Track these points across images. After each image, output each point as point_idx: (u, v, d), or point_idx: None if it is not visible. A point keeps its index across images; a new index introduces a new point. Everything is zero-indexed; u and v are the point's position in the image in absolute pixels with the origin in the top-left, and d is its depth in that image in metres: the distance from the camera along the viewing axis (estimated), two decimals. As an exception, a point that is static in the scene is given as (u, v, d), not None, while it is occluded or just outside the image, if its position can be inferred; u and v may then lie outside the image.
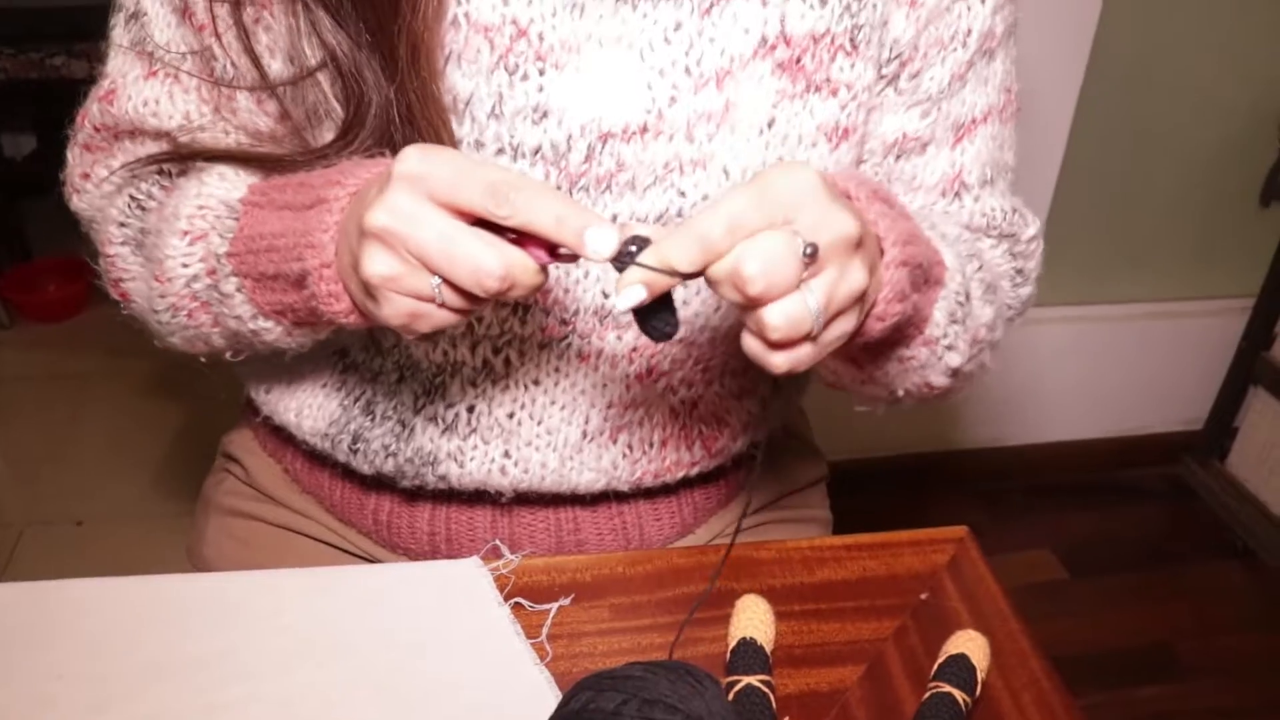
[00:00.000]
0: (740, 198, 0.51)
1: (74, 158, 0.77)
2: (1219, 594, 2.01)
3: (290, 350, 0.71)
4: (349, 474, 0.84)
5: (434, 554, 0.83)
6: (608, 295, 0.70)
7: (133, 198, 0.72)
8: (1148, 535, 2.15)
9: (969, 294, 0.69)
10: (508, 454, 0.76)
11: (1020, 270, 0.80)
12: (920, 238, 0.63)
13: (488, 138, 0.65)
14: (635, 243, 0.52)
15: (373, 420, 0.78)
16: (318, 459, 0.85)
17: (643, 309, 0.54)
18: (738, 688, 0.63)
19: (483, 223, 0.53)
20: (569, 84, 0.65)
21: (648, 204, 0.67)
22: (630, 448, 0.77)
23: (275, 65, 0.66)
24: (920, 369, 0.70)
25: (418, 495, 0.82)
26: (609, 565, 0.75)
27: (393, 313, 0.56)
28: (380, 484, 0.83)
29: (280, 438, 0.87)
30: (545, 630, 0.69)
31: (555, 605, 0.71)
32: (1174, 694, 1.80)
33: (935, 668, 0.66)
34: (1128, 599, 1.99)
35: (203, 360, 0.76)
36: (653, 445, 0.78)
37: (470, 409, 0.74)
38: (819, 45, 0.67)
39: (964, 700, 0.63)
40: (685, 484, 0.84)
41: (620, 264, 0.52)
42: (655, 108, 0.65)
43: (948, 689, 0.63)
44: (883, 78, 0.71)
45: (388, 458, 0.78)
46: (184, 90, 0.71)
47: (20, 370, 2.46)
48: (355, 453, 0.79)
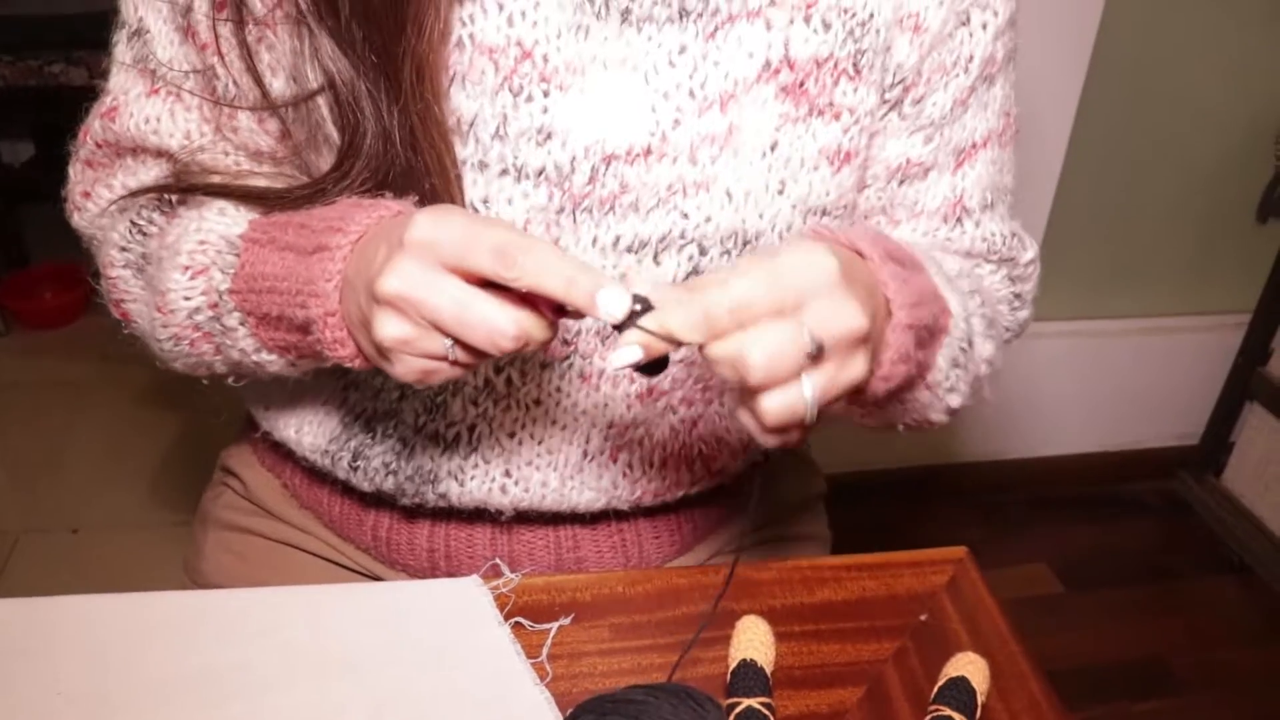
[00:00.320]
0: (753, 278, 0.51)
1: (76, 174, 0.77)
2: (1214, 609, 2.02)
3: (293, 377, 0.72)
4: (348, 490, 0.84)
5: (433, 571, 0.83)
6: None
7: (134, 223, 0.72)
8: (1144, 550, 2.15)
9: (972, 339, 0.69)
10: (508, 473, 0.76)
11: (1018, 295, 0.80)
12: (928, 295, 0.63)
13: (491, 158, 0.65)
14: (637, 302, 0.52)
15: (373, 438, 0.78)
16: (317, 475, 0.85)
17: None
18: (738, 710, 0.63)
19: (491, 281, 0.54)
20: (573, 106, 0.65)
21: (650, 226, 0.67)
22: (630, 467, 0.77)
23: (277, 84, 0.66)
24: (921, 408, 0.70)
25: (417, 512, 0.82)
26: (609, 585, 0.75)
27: (405, 371, 0.57)
28: (380, 501, 0.83)
29: (280, 453, 0.87)
30: (545, 650, 0.69)
31: (555, 625, 0.71)
32: (1169, 709, 1.80)
33: (935, 690, 0.66)
34: (1123, 613, 1.99)
35: (204, 382, 0.76)
36: (653, 464, 0.78)
37: (471, 428, 0.75)
38: (822, 70, 0.67)
39: (964, 724, 0.63)
40: (685, 502, 0.84)
41: (621, 325, 0.52)
42: (659, 130, 0.66)
43: (948, 712, 0.64)
44: (886, 103, 0.71)
45: (388, 475, 0.78)
46: (185, 109, 0.71)
47: (17, 377, 2.45)
48: (355, 470, 0.79)
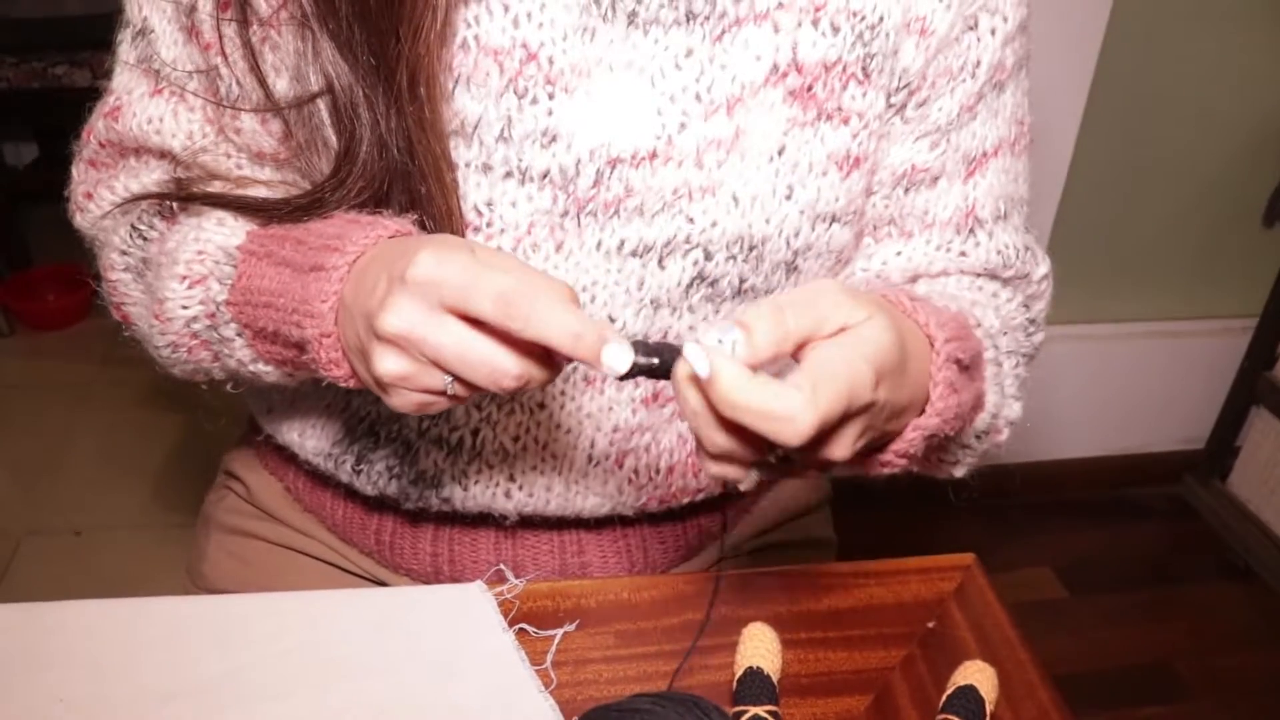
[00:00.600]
0: (810, 409, 0.48)
1: (79, 173, 0.76)
2: (1220, 614, 2.01)
3: (291, 386, 0.71)
4: (351, 494, 0.83)
5: (436, 575, 0.83)
6: (614, 319, 0.70)
7: (135, 227, 0.71)
8: (1148, 554, 2.14)
9: (994, 426, 0.69)
10: (512, 478, 0.75)
11: (1033, 320, 0.79)
12: (969, 408, 0.63)
13: (495, 161, 0.65)
14: (640, 353, 0.51)
15: (376, 442, 0.77)
16: (320, 478, 0.84)
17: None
18: (744, 718, 0.63)
19: None
20: (578, 108, 0.64)
21: (655, 230, 0.67)
22: (636, 473, 0.77)
23: (280, 85, 0.66)
24: (927, 472, 0.70)
25: (421, 517, 0.82)
26: (614, 591, 0.74)
27: (402, 403, 0.57)
28: (383, 504, 0.82)
29: (282, 456, 0.87)
30: (550, 657, 0.69)
31: (560, 631, 0.70)
32: (1174, 714, 1.80)
33: (944, 699, 0.65)
34: (1127, 618, 1.99)
35: (204, 387, 0.75)
36: (659, 471, 0.77)
37: (475, 432, 0.74)
38: (830, 73, 0.66)
39: (972, 733, 0.63)
40: (691, 508, 0.83)
41: (629, 376, 0.51)
42: (665, 134, 0.65)
43: (956, 721, 0.63)
44: (891, 106, 0.70)
45: (391, 480, 0.77)
46: (189, 109, 0.70)
47: (20, 378, 2.45)
48: (358, 474, 0.78)
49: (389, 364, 0.54)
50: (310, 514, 0.88)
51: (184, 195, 0.69)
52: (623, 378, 0.51)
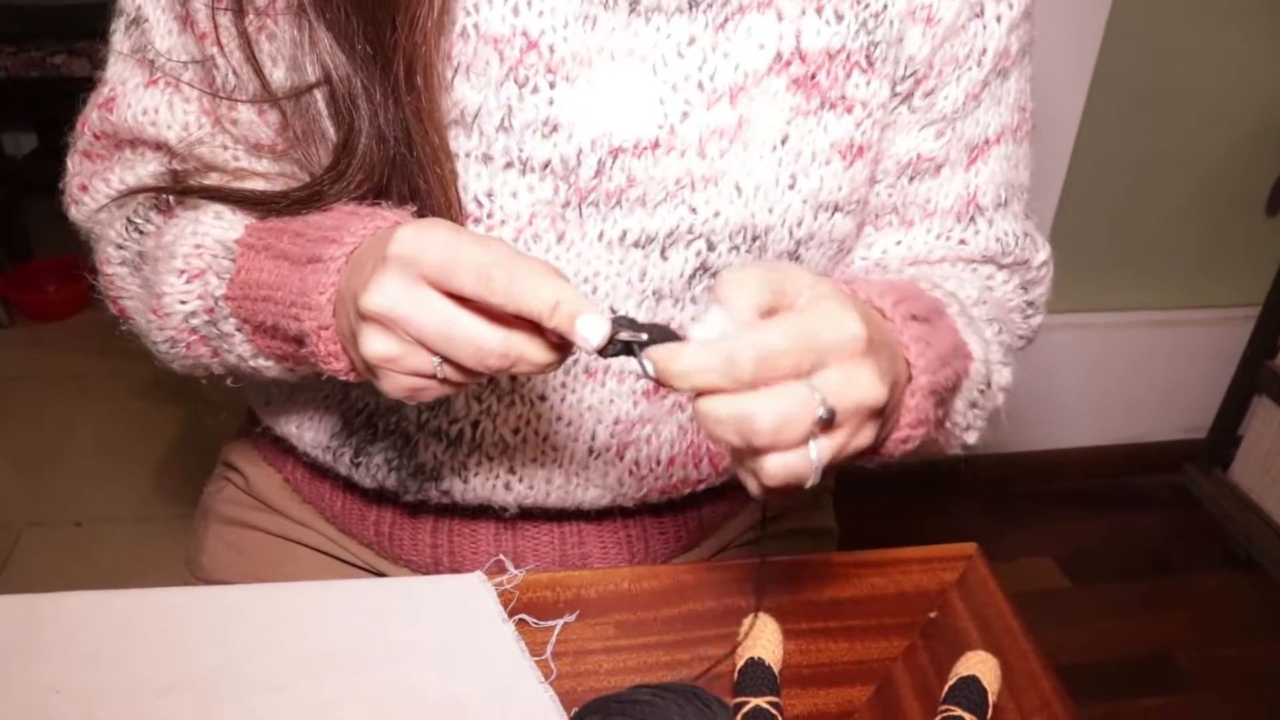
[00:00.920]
0: (781, 334, 0.48)
1: (74, 165, 0.76)
2: (1221, 604, 2.01)
3: (292, 381, 0.71)
4: (350, 486, 0.83)
5: (436, 567, 0.82)
6: (615, 310, 0.69)
7: (130, 220, 0.71)
8: (1150, 544, 2.14)
9: (990, 378, 0.67)
10: (512, 470, 0.75)
11: (1031, 302, 0.79)
12: (950, 352, 0.61)
13: (496, 151, 0.64)
14: (619, 327, 0.50)
15: (375, 434, 0.77)
16: (319, 470, 0.84)
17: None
18: (746, 709, 0.63)
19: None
20: (580, 97, 0.64)
21: (658, 220, 0.66)
22: (637, 465, 0.76)
23: (278, 74, 0.65)
24: (937, 448, 0.69)
25: (420, 508, 0.81)
26: (614, 581, 0.74)
27: (393, 388, 0.56)
28: (382, 497, 0.82)
29: (281, 448, 0.87)
30: (550, 648, 0.68)
31: (560, 622, 0.70)
32: (1175, 704, 1.80)
33: (946, 690, 0.65)
34: (1129, 608, 1.99)
35: (204, 382, 0.75)
36: (660, 463, 0.77)
37: (474, 424, 0.74)
38: (834, 62, 0.66)
39: (975, 724, 0.62)
40: (692, 498, 0.83)
41: (608, 352, 0.51)
42: (667, 123, 0.65)
43: (959, 712, 0.63)
44: (896, 95, 0.70)
45: (390, 472, 0.77)
46: (184, 100, 0.70)
47: (20, 370, 2.45)
48: (357, 466, 0.78)
49: (375, 344, 0.54)
50: (309, 505, 0.87)
51: (180, 189, 0.68)
52: (603, 354, 0.51)
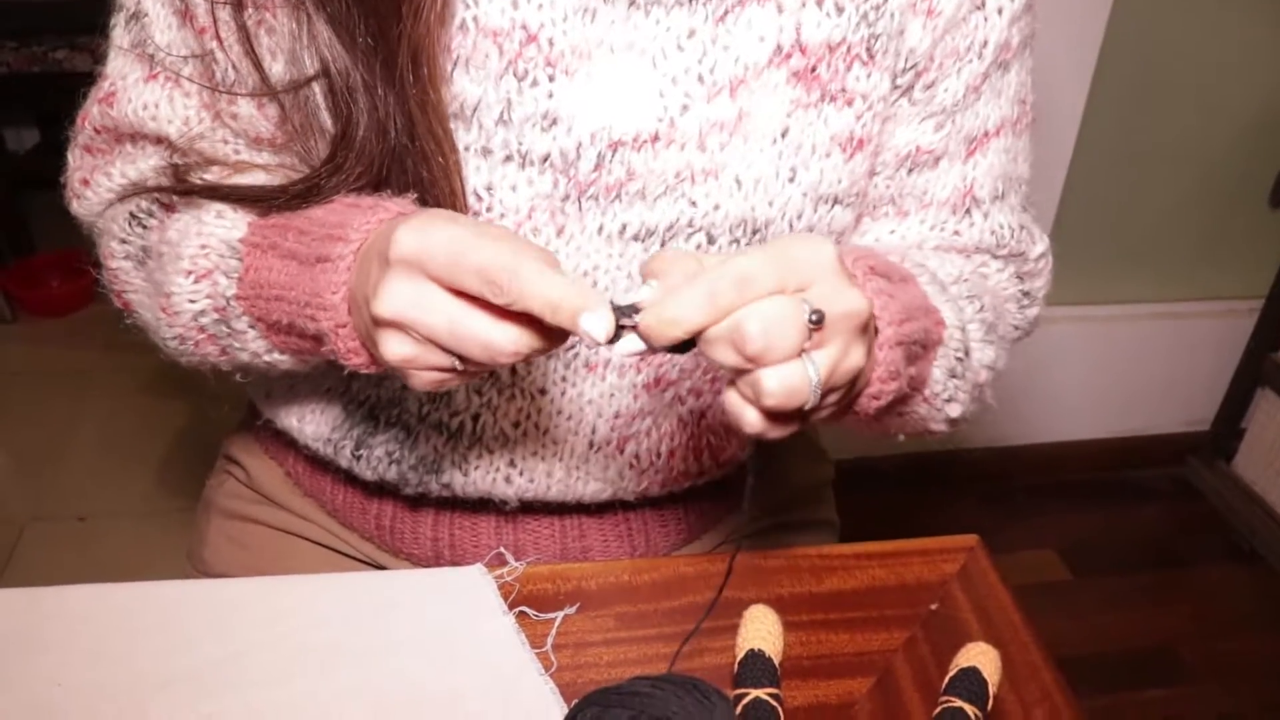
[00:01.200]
0: (754, 257, 0.50)
1: (75, 160, 0.76)
2: (1223, 596, 2.01)
3: (305, 371, 0.71)
4: (351, 479, 0.83)
5: (437, 560, 0.82)
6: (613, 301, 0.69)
7: (133, 215, 0.71)
8: (1152, 536, 2.14)
9: (969, 348, 0.68)
10: (513, 463, 0.75)
11: (1027, 292, 0.79)
12: (917, 309, 0.62)
13: (495, 144, 0.64)
14: (623, 315, 0.51)
15: (376, 426, 0.77)
16: (320, 463, 0.84)
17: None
18: (746, 701, 0.63)
19: None
20: (579, 91, 0.64)
21: (658, 214, 0.66)
22: (637, 458, 0.76)
23: (277, 68, 0.65)
24: (920, 421, 0.69)
25: (421, 501, 0.81)
26: (614, 574, 0.74)
27: (418, 384, 0.57)
28: (383, 489, 0.82)
29: (282, 441, 0.87)
30: (550, 640, 0.69)
31: (560, 614, 0.70)
32: (1177, 697, 1.80)
33: (946, 681, 0.65)
34: (1131, 600, 1.99)
35: (211, 378, 0.75)
36: (660, 456, 0.77)
37: (475, 417, 0.74)
38: (835, 54, 0.66)
39: (976, 715, 0.62)
40: (692, 492, 0.83)
41: (615, 338, 0.52)
42: (667, 116, 0.65)
43: (959, 704, 0.63)
44: (897, 88, 0.70)
45: (391, 465, 0.77)
46: (184, 94, 0.70)
47: (23, 365, 2.45)
48: (358, 459, 0.78)
49: (394, 347, 0.55)
50: (310, 499, 0.87)
51: (181, 189, 0.68)
52: (612, 344, 0.52)
